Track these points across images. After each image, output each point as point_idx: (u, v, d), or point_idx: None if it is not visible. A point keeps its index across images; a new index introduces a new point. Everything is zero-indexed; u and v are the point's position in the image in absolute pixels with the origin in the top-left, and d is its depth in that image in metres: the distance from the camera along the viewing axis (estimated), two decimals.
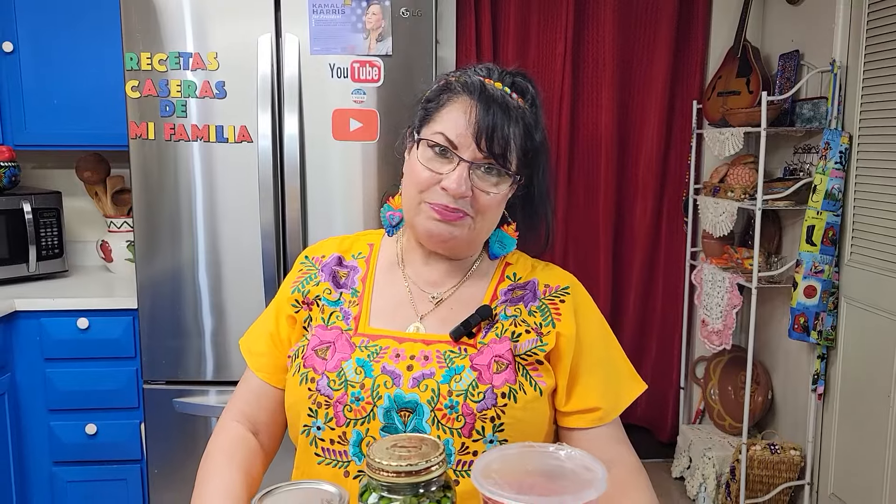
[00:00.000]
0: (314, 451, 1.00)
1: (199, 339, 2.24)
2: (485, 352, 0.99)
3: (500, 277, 1.10)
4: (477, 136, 0.97)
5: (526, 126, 1.01)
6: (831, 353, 2.70)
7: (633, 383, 1.08)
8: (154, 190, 2.18)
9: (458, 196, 0.97)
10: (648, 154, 3.26)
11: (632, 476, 1.01)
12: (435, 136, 0.99)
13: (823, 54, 2.68)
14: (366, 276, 1.09)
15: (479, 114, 0.97)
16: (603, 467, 0.73)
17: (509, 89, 1.02)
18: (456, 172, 0.97)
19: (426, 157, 1.00)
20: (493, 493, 0.68)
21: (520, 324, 1.03)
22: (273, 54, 2.11)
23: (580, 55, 3.21)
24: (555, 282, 1.08)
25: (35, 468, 2.39)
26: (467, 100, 0.99)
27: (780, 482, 2.79)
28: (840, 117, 2.59)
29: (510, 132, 0.98)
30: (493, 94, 0.99)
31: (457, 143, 0.98)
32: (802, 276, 2.62)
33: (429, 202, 1.00)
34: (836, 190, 2.55)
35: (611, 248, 3.31)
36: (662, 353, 3.38)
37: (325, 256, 1.13)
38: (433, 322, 1.04)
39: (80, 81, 2.54)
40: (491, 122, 0.97)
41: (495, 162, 0.98)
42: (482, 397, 0.95)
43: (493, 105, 0.98)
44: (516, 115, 1.00)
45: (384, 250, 1.14)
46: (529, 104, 1.04)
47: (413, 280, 1.09)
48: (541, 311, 1.04)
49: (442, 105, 1.01)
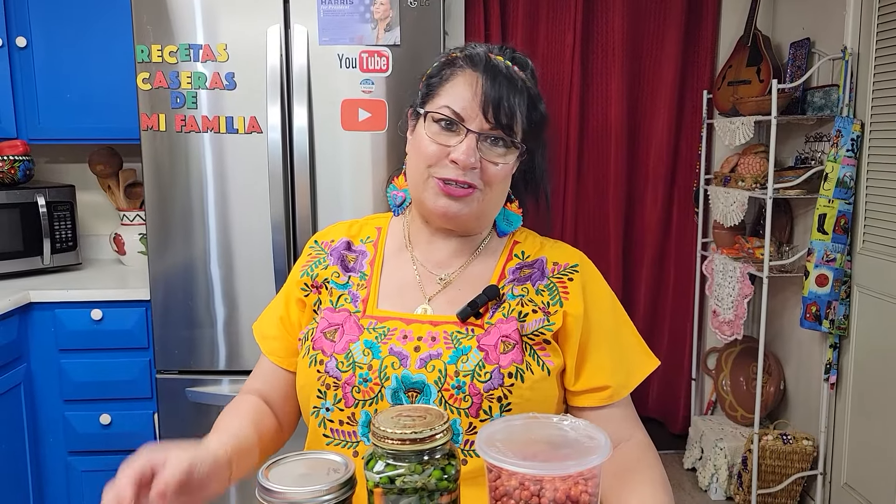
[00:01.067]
0: (323, 432, 1.01)
1: (211, 329, 2.26)
2: (492, 332, 0.99)
3: (508, 255, 1.10)
4: (484, 107, 0.98)
5: (531, 97, 1.02)
6: (844, 342, 2.68)
7: (644, 359, 1.07)
8: (165, 181, 2.20)
9: (466, 167, 0.98)
10: (658, 144, 3.25)
11: (642, 452, 1.01)
12: (441, 110, 1.00)
13: (834, 41, 2.66)
14: (374, 260, 1.10)
15: (485, 85, 0.98)
16: (606, 435, 0.73)
17: (511, 62, 1.03)
18: (464, 143, 0.98)
19: (433, 130, 1.01)
20: (497, 459, 0.69)
21: (527, 303, 1.03)
22: (282, 45, 2.12)
23: (589, 45, 3.20)
24: (563, 259, 1.08)
25: (51, 458, 2.42)
26: (472, 72, 1.00)
27: (792, 472, 2.78)
28: (851, 105, 2.57)
29: (515, 102, 0.99)
30: (498, 66, 1.01)
31: (463, 115, 0.99)
32: (814, 265, 2.61)
33: (437, 177, 1.00)
34: (847, 178, 2.53)
35: (621, 239, 3.31)
36: (673, 345, 3.37)
37: (333, 241, 1.14)
38: (441, 303, 1.05)
39: (92, 75, 2.56)
40: (497, 93, 0.98)
41: (502, 132, 0.99)
42: (489, 377, 0.96)
43: (499, 76, 0.99)
44: (521, 87, 1.01)
45: (392, 233, 1.14)
46: (530, 77, 1.05)
47: (421, 262, 1.09)
48: (549, 289, 1.04)
49: (446, 79, 1.02)
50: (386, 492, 0.74)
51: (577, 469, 0.69)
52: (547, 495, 0.69)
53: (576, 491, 0.70)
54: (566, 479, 0.70)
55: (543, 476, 0.69)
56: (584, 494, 0.70)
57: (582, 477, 0.71)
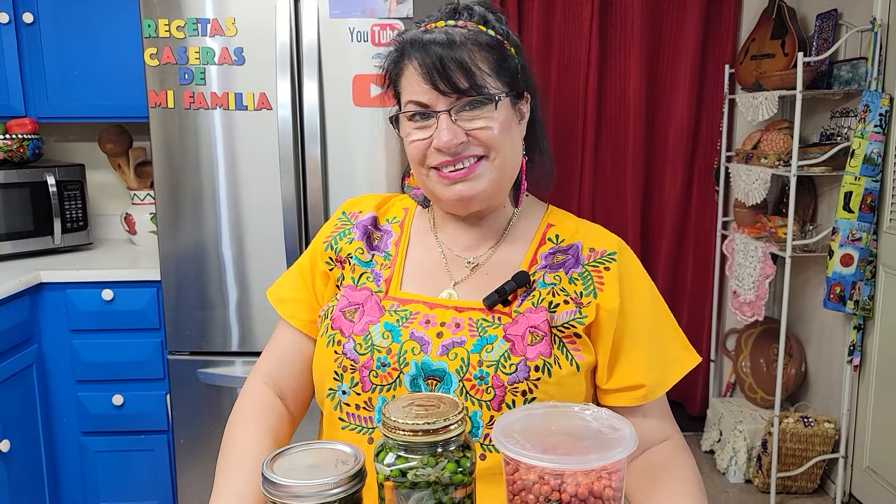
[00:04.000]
0: (339, 416, 0.98)
1: (223, 310, 2.23)
2: (520, 321, 0.94)
3: (541, 239, 1.04)
4: (434, 83, 0.92)
5: (486, 43, 0.95)
6: (868, 323, 2.62)
7: (683, 355, 1.01)
8: (175, 160, 2.16)
9: (451, 147, 0.93)
10: (678, 121, 3.17)
11: (675, 452, 0.97)
12: (408, 107, 0.96)
13: (863, 13, 2.57)
14: (399, 241, 1.06)
15: (423, 62, 0.93)
16: (630, 426, 0.69)
17: (452, 20, 0.97)
18: (439, 127, 0.93)
19: (410, 128, 0.97)
20: (515, 452, 0.65)
21: (558, 293, 0.97)
22: (291, 19, 2.07)
23: (607, 19, 3.12)
24: (601, 245, 1.02)
25: (64, 438, 2.41)
26: (412, 57, 0.95)
27: (813, 455, 2.73)
28: (880, 78, 2.49)
29: (464, 59, 0.92)
30: (431, 38, 0.94)
31: (426, 101, 0.94)
32: (839, 245, 2.54)
33: (433, 167, 0.96)
34: (875, 154, 2.45)
35: (639, 218, 3.25)
36: (693, 325, 3.32)
37: (362, 212, 1.10)
38: (468, 288, 1.00)
39: (100, 52, 2.52)
40: (438, 63, 0.92)
41: (466, 96, 0.93)
42: (514, 369, 0.91)
43: (431, 47, 0.93)
44: (463, 39, 0.94)
45: (419, 215, 1.10)
46: (482, 20, 0.98)
47: (447, 245, 1.05)
48: (583, 278, 0.98)
49: (400, 73, 0.98)
50: (397, 486, 0.69)
51: (599, 463, 0.65)
52: (568, 490, 0.65)
53: (599, 486, 0.66)
54: (588, 473, 0.66)
55: (564, 470, 0.65)
56: (607, 489, 0.66)
57: (605, 471, 0.66)
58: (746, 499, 2.82)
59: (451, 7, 1.00)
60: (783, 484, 2.79)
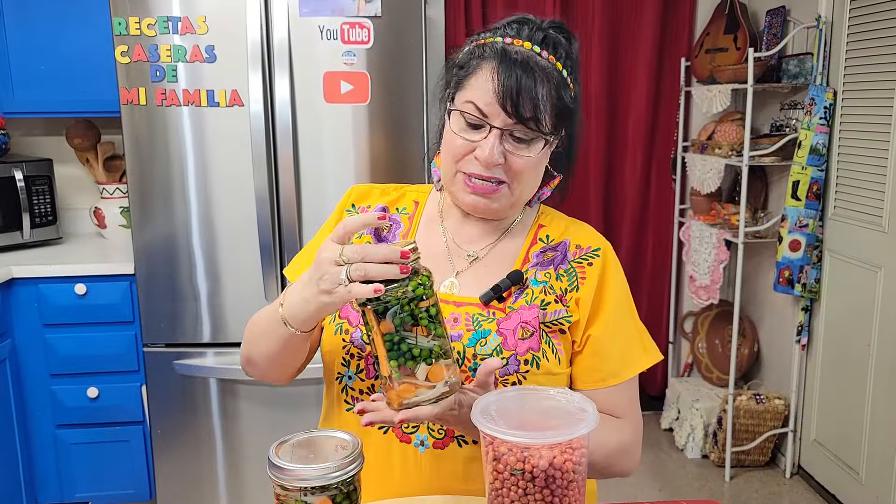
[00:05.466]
0: (344, 399, 1.06)
1: (195, 302, 2.28)
2: (512, 317, 1.02)
3: (532, 239, 1.11)
4: (503, 103, 0.96)
5: (556, 85, 0.99)
6: (815, 305, 2.77)
7: (640, 354, 1.07)
8: (147, 156, 2.19)
9: (490, 165, 0.98)
10: (637, 112, 3.28)
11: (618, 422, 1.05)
12: (465, 106, 0.99)
13: (809, 10, 2.70)
14: (407, 233, 1.12)
15: (501, 79, 0.96)
16: (594, 407, 0.78)
17: (539, 47, 0.99)
18: (488, 141, 0.97)
19: (459, 126, 1.01)
20: (491, 429, 0.73)
21: (549, 291, 1.04)
22: (262, 17, 2.11)
23: (568, 12, 3.20)
24: (586, 242, 1.09)
25: (39, 431, 2.44)
26: (492, 64, 0.98)
27: (764, 430, 2.88)
28: (825, 73, 2.62)
29: (537, 94, 0.96)
30: (516, 58, 0.97)
31: (486, 111, 0.97)
32: (787, 231, 2.68)
33: (464, 172, 1.01)
34: (820, 145, 2.59)
35: (601, 206, 3.35)
36: (652, 309, 3.44)
37: (370, 207, 1.15)
38: (468, 278, 1.07)
39: (67, 47, 2.52)
40: (515, 86, 0.95)
41: (525, 126, 0.97)
42: (505, 363, 0.98)
43: (514, 69, 0.96)
44: (542, 77, 0.97)
45: (428, 205, 1.16)
46: (563, 59, 1.01)
47: (451, 235, 1.11)
48: (568, 274, 1.06)
49: (471, 72, 1.00)
50: (375, 309, 0.83)
51: (556, 439, 0.73)
52: (532, 461, 0.74)
53: (560, 459, 0.75)
54: (553, 447, 0.75)
55: (531, 444, 0.74)
56: (568, 462, 0.75)
57: (570, 447, 0.75)
58: (703, 473, 2.97)
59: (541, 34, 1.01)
60: (737, 458, 2.94)
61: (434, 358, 0.84)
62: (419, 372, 0.83)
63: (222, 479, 2.38)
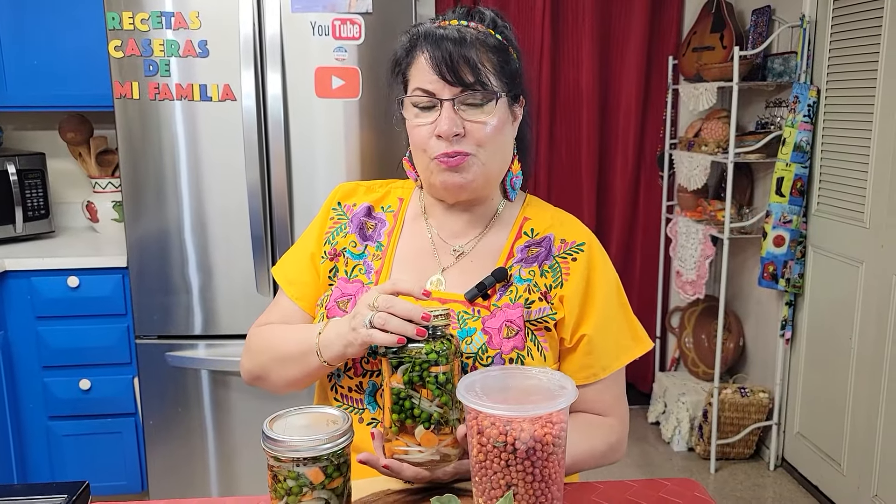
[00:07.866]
0: (334, 396, 1.08)
1: (187, 295, 2.30)
2: (497, 315, 1.02)
3: (517, 233, 1.11)
4: (442, 73, 0.99)
5: (493, 46, 1.03)
6: (798, 299, 2.81)
7: (631, 344, 1.08)
8: (140, 150, 2.22)
9: (449, 135, 1.00)
10: (627, 110, 3.32)
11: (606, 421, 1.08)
12: (414, 93, 1.03)
13: (794, 9, 2.74)
14: (392, 231, 1.14)
15: (433, 54, 1.00)
16: (573, 383, 0.81)
17: (465, 21, 1.04)
18: (442, 115, 1.00)
19: (414, 114, 1.04)
20: (475, 403, 0.77)
21: (533, 290, 1.05)
22: (254, 12, 2.13)
23: (559, 10, 3.24)
24: (571, 237, 1.10)
25: (31, 423, 2.46)
26: (424, 47, 1.02)
27: (749, 423, 2.93)
28: (809, 71, 2.67)
29: (473, 57, 1.00)
30: (444, 33, 1.01)
31: (432, 89, 1.01)
32: (772, 227, 2.72)
33: (433, 156, 1.03)
34: (804, 142, 2.63)
35: (594, 203, 3.39)
36: (641, 305, 3.48)
37: (356, 205, 1.17)
38: (454, 274, 1.08)
39: (59, 42, 2.53)
40: (448, 56, 0.99)
41: (472, 88, 1.00)
42: (490, 361, 1.00)
43: (443, 42, 1.00)
44: (473, 39, 1.01)
45: (412, 203, 1.18)
46: (493, 26, 1.05)
47: (436, 231, 1.13)
48: (552, 270, 1.06)
49: (410, 63, 1.05)
50: (391, 361, 0.88)
51: (537, 412, 0.77)
52: (513, 434, 0.77)
53: (541, 432, 0.78)
54: (534, 421, 0.78)
55: (513, 417, 0.77)
56: (548, 436, 0.78)
57: (550, 421, 0.79)
58: (689, 465, 3.01)
59: (465, 9, 1.07)
60: (722, 451, 2.99)
61: (433, 424, 0.87)
62: (415, 432, 0.88)
63: (214, 469, 2.41)
